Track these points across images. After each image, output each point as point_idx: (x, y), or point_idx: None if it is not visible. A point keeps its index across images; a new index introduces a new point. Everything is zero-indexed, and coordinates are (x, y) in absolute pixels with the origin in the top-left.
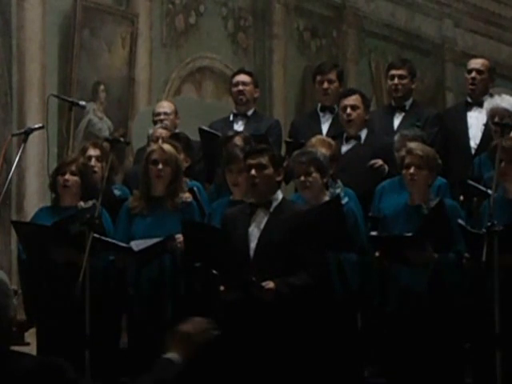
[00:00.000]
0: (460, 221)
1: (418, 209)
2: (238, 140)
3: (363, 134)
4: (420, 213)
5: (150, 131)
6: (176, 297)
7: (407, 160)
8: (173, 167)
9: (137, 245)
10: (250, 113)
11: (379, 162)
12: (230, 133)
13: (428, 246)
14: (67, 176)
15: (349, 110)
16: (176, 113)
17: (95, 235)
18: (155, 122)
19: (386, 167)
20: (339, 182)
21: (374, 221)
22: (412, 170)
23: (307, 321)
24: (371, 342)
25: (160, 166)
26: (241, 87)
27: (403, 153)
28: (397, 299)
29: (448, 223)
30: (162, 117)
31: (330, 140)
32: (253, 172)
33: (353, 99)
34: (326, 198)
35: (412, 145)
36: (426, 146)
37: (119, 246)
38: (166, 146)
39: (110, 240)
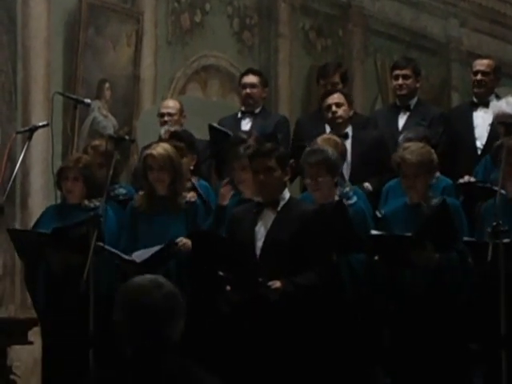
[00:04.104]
0: (466, 238)
1: (418, 207)
2: (251, 142)
3: (349, 130)
4: (419, 211)
5: (162, 131)
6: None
7: (403, 169)
8: (169, 170)
9: (138, 256)
10: (257, 111)
11: None
12: (243, 135)
13: (429, 246)
14: (70, 184)
15: (334, 108)
16: (181, 112)
17: (99, 243)
18: (162, 121)
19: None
20: (348, 181)
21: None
22: (409, 180)
23: (314, 320)
24: (377, 342)
25: (156, 172)
26: (248, 90)
27: (398, 160)
28: (400, 299)
29: (451, 223)
30: (166, 118)
31: (335, 138)
32: (261, 177)
33: (335, 97)
34: (336, 198)
35: (406, 153)
36: (420, 148)
37: (122, 258)
38: (158, 151)
39: (113, 250)
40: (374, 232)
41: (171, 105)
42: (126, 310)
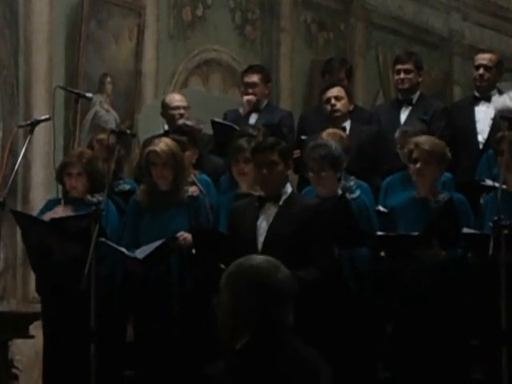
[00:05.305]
0: (466, 229)
1: (426, 202)
2: (259, 137)
3: (347, 125)
4: (427, 206)
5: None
6: (183, 294)
7: (415, 154)
8: (173, 165)
9: (141, 252)
10: (262, 107)
11: None
12: (251, 130)
13: (435, 244)
14: (73, 180)
15: (333, 101)
16: (189, 106)
17: (102, 239)
18: (171, 116)
19: None
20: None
21: (381, 215)
22: (419, 165)
23: (315, 315)
24: (378, 336)
25: (159, 168)
26: (250, 90)
27: (411, 146)
28: (403, 295)
29: (457, 220)
30: (181, 111)
31: (341, 132)
32: (264, 171)
33: (336, 91)
34: (339, 192)
35: (420, 139)
36: (435, 140)
37: (124, 255)
38: (161, 147)
39: (115, 246)
40: (379, 233)
41: (180, 98)
42: (250, 291)
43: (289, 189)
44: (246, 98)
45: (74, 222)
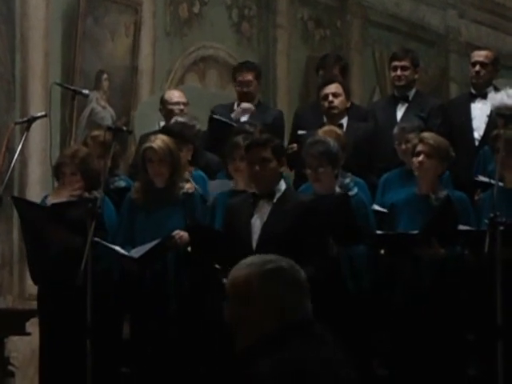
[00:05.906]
0: (461, 226)
1: (426, 199)
2: (256, 134)
3: (344, 122)
4: (428, 203)
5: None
6: (179, 293)
7: (419, 148)
8: (169, 161)
9: (137, 251)
10: (254, 103)
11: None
12: (248, 127)
13: (435, 242)
14: (67, 178)
15: (331, 98)
16: (188, 102)
17: (96, 239)
18: (170, 111)
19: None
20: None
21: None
22: (421, 158)
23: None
24: (375, 333)
25: (156, 165)
26: (245, 89)
27: (416, 141)
28: (403, 293)
29: (456, 218)
30: (181, 106)
31: (337, 130)
32: (257, 168)
33: (333, 87)
34: (336, 189)
35: (426, 134)
36: (440, 137)
37: (120, 253)
38: (158, 144)
39: (110, 246)
40: (379, 232)
41: (179, 94)
42: (293, 290)
43: (282, 186)
44: (245, 105)
45: (73, 209)
